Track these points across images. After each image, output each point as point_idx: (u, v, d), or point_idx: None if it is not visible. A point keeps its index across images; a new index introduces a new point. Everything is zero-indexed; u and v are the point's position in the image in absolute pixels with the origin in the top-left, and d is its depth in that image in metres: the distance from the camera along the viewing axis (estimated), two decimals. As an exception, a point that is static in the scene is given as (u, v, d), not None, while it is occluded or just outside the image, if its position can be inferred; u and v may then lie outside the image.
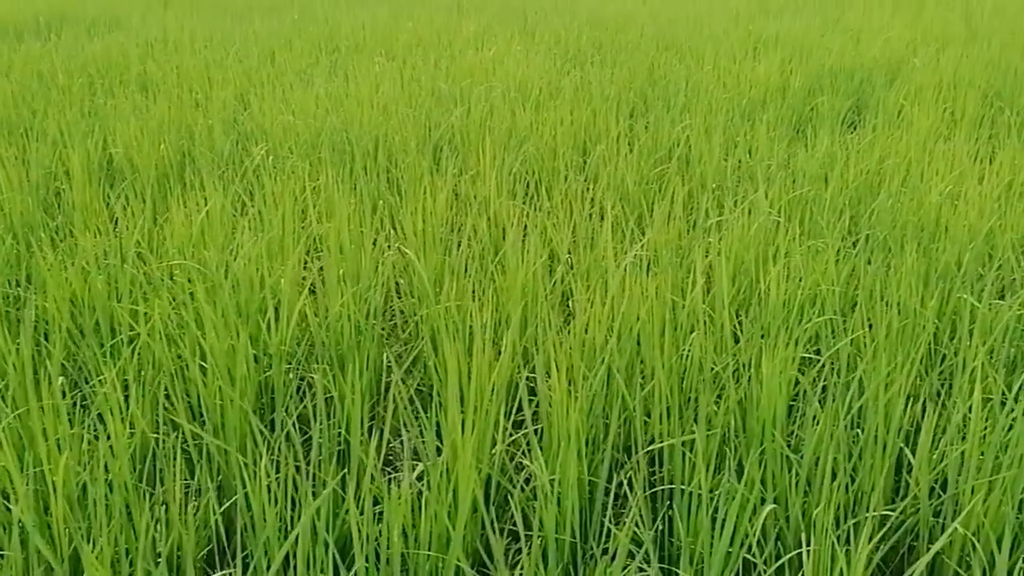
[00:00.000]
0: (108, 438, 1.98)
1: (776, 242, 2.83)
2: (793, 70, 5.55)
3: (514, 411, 2.10)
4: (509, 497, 1.93)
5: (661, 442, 1.94)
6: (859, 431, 1.92)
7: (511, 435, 2.09)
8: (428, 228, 2.94)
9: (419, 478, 2.01)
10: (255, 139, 4.09)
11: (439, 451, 2.09)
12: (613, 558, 1.78)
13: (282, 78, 5.24)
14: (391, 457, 2.16)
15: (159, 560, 1.67)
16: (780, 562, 1.58)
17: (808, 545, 1.75)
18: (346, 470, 1.94)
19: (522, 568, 1.77)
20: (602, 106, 4.65)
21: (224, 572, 1.82)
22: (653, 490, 1.98)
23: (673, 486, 1.89)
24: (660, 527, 1.87)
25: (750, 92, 5.07)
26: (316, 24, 7.66)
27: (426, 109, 4.50)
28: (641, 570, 1.78)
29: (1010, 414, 1.75)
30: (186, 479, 1.99)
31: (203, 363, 2.18)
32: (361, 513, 1.77)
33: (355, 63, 5.86)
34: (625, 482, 1.98)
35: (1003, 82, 5.09)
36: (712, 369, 2.16)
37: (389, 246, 2.96)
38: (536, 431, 2.03)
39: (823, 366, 2.19)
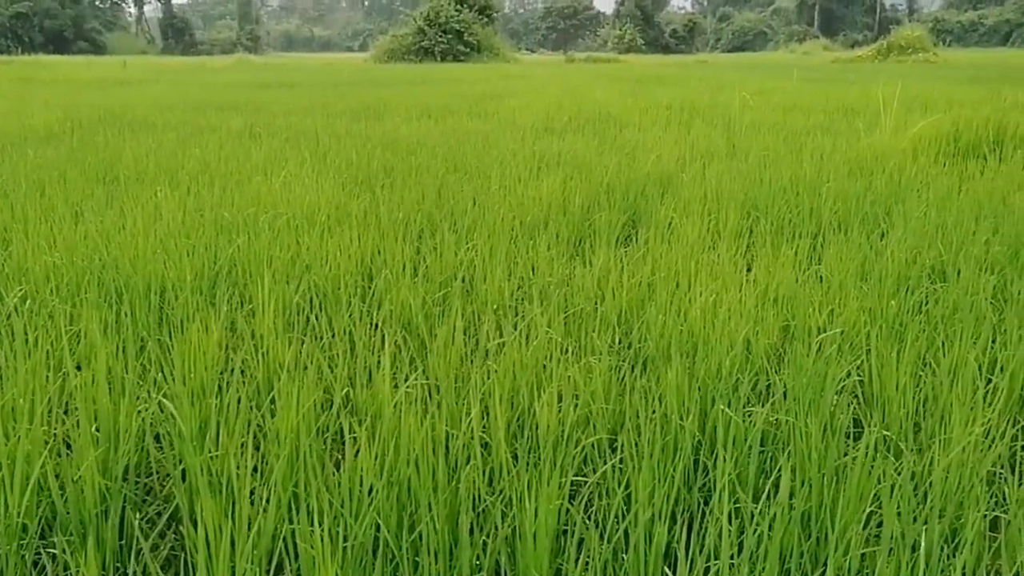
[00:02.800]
0: None
1: (551, 362, 2.89)
2: (574, 187, 5.83)
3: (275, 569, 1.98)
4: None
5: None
6: (624, 556, 1.93)
7: (276, 595, 1.96)
8: (197, 369, 2.80)
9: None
10: (13, 282, 3.80)
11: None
12: None
13: (51, 213, 4.94)
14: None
15: None
16: None
17: None
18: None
19: None
20: (390, 230, 4.68)
21: None
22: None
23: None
24: None
25: (533, 210, 5.27)
26: (96, 152, 7.35)
27: (205, 240, 4.36)
28: None
29: (756, 529, 1.82)
30: None
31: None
32: None
33: (135, 194, 5.63)
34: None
35: (758, 193, 5.56)
36: (483, 503, 2.13)
37: (150, 393, 2.78)
38: (301, 589, 1.91)
39: (591, 491, 2.22)
